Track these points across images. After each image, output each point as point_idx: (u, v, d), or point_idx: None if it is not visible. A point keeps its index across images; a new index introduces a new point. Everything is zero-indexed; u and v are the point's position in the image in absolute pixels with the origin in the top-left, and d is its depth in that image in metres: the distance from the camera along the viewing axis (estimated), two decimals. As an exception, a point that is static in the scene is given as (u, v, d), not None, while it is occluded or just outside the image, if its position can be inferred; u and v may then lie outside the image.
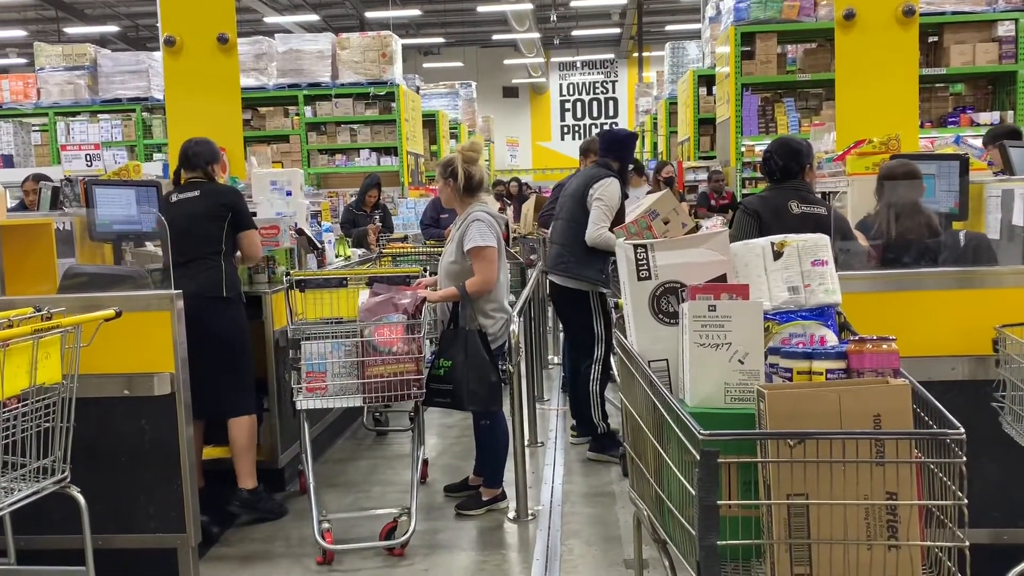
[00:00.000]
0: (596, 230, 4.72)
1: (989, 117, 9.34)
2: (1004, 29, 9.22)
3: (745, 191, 9.58)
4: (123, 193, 4.29)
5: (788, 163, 3.91)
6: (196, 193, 4.09)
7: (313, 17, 23.32)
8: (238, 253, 4.18)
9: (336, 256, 5.61)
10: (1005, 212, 3.51)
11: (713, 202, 9.40)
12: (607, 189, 4.75)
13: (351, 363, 3.61)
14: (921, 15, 8.04)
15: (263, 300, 4.38)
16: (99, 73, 12.32)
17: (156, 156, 11.93)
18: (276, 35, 12.15)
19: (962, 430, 1.82)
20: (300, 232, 4.84)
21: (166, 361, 3.44)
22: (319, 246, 5.05)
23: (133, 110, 12.36)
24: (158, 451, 3.47)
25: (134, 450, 3.48)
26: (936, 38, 9.45)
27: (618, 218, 4.68)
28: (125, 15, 24.19)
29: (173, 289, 3.43)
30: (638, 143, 19.44)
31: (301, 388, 3.66)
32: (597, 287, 4.87)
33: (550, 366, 7.30)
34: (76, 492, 2.92)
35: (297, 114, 12.05)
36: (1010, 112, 9.29)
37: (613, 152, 4.96)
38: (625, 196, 4.85)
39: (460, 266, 4.01)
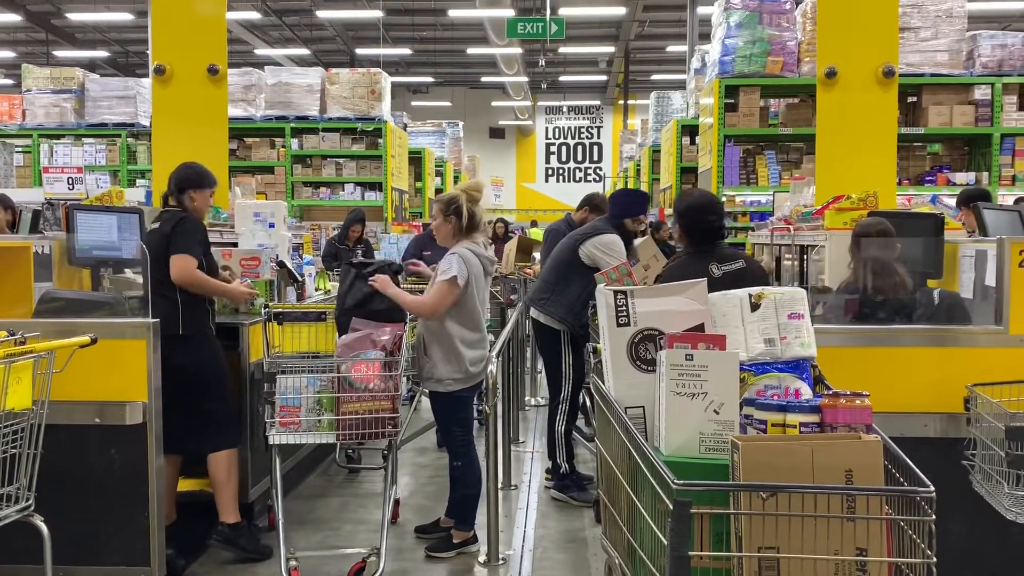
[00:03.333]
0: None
1: (965, 177, 9.52)
2: (980, 93, 9.44)
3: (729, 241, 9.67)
4: (104, 219, 4.27)
5: (710, 225, 3.67)
6: (158, 223, 4.04)
7: (304, 51, 23.52)
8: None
9: (316, 289, 5.59)
10: (978, 272, 3.57)
11: None
12: (613, 244, 4.83)
13: (324, 400, 3.58)
14: (901, 76, 8.23)
15: (240, 331, 4.35)
16: (86, 97, 12.32)
17: (139, 182, 11.90)
18: (266, 67, 12.23)
19: (932, 488, 1.83)
20: (281, 264, 4.83)
21: (139, 390, 3.41)
22: (299, 279, 5.04)
23: (118, 135, 12.34)
24: (126, 481, 3.42)
25: (102, 480, 3.43)
26: (915, 98, 9.66)
27: None
28: (116, 40, 24.27)
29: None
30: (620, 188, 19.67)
31: (274, 422, 3.63)
32: (572, 329, 4.90)
33: (527, 407, 7.28)
34: (39, 521, 2.86)
35: (283, 146, 12.09)
36: (985, 173, 9.48)
37: (620, 208, 5.06)
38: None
39: None
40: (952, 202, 6.75)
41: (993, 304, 3.33)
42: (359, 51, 23.61)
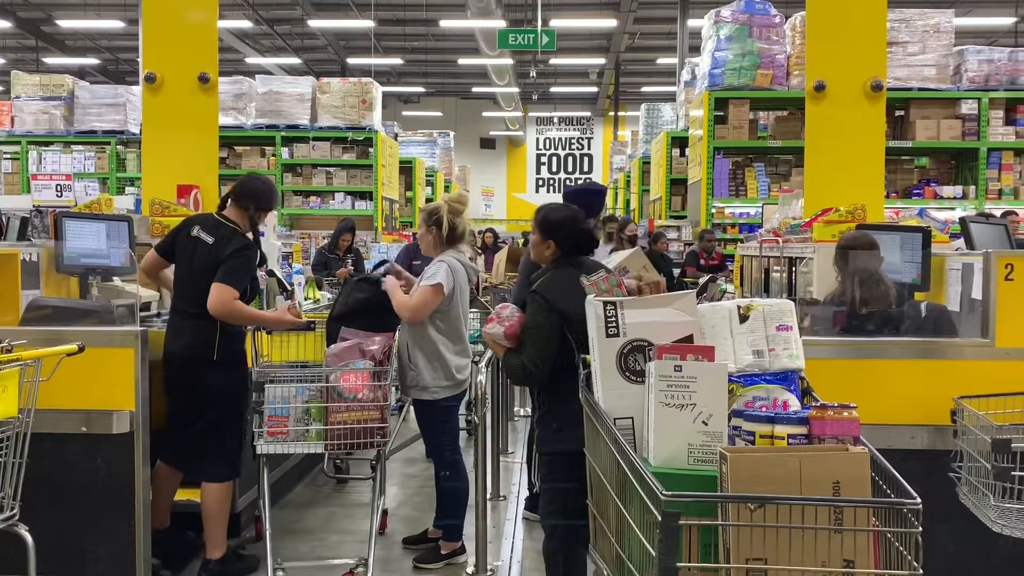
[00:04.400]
0: None
1: (952, 191, 9.61)
2: (967, 107, 9.54)
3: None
4: (93, 226, 4.25)
5: (584, 236, 3.39)
6: (211, 240, 3.82)
7: (295, 60, 23.53)
8: None
9: (306, 299, 5.58)
10: (965, 285, 3.59)
11: (703, 262, 9.49)
12: None
13: (312, 409, 3.57)
14: (889, 90, 8.30)
15: (229, 340, 4.33)
16: (76, 104, 12.30)
17: (129, 190, 11.87)
18: (257, 76, 12.24)
19: (919, 500, 1.84)
20: (271, 274, 4.83)
21: (127, 398, 3.39)
22: (289, 288, 5.03)
23: (108, 143, 12.31)
24: (113, 491, 3.39)
25: (88, 489, 3.40)
26: (903, 112, 9.75)
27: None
28: (106, 48, 24.23)
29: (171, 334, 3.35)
30: (610, 198, 19.73)
31: (262, 432, 3.61)
32: None
33: (516, 418, 7.27)
34: (24, 531, 2.84)
35: (274, 154, 12.09)
36: (972, 187, 9.57)
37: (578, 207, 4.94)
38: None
39: None
40: (940, 215, 6.80)
41: (980, 317, 3.35)
42: (350, 61, 23.63)
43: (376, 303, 3.91)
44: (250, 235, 3.93)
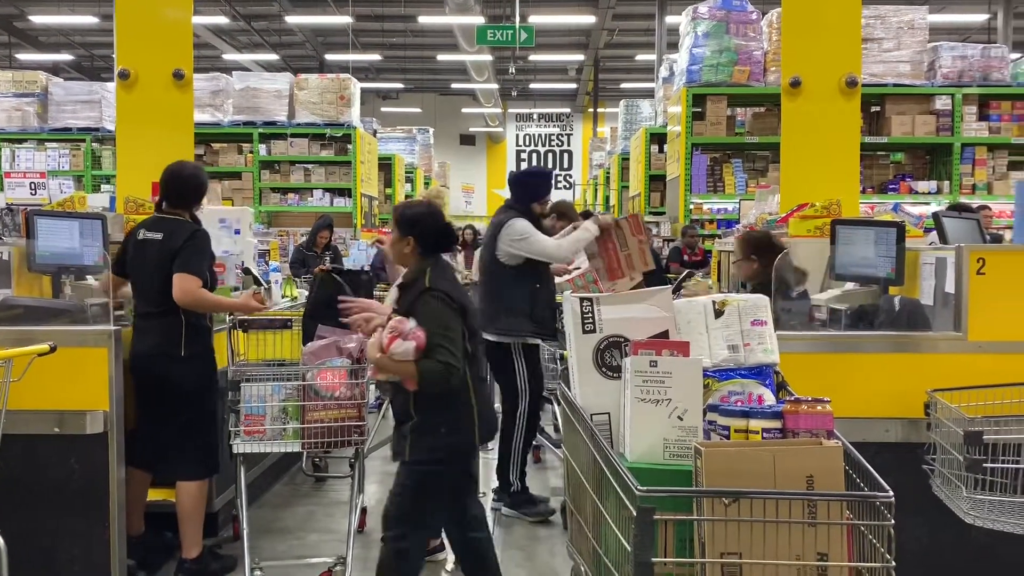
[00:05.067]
0: (555, 247, 4.51)
1: (927, 186, 9.71)
2: (941, 103, 9.64)
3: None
4: (66, 224, 4.20)
5: (444, 233, 3.35)
6: (160, 236, 3.79)
7: (272, 56, 23.38)
8: None
9: (283, 296, 5.55)
10: (939, 279, 3.63)
11: (686, 257, 9.50)
12: (516, 226, 4.59)
13: (289, 408, 3.55)
14: (864, 86, 8.34)
15: (205, 339, 4.29)
16: (50, 101, 12.15)
17: (104, 187, 11.75)
18: (234, 72, 12.15)
19: (891, 493, 1.86)
20: (247, 271, 4.79)
21: (100, 398, 3.36)
22: (265, 286, 5.00)
23: (83, 140, 12.17)
24: (87, 493, 3.36)
25: (61, 490, 3.37)
26: (879, 108, 9.83)
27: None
28: (80, 44, 23.95)
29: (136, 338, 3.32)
30: (590, 194, 19.77)
31: (239, 431, 3.59)
32: (522, 338, 4.68)
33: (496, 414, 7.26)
34: (-5, 533, 2.81)
35: (251, 151, 12.00)
36: (946, 182, 9.67)
37: (526, 191, 4.79)
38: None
39: None
40: (915, 210, 6.87)
41: (952, 311, 3.39)
42: (328, 57, 23.51)
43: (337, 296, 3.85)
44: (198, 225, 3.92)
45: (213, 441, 3.92)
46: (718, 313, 2.63)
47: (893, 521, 1.85)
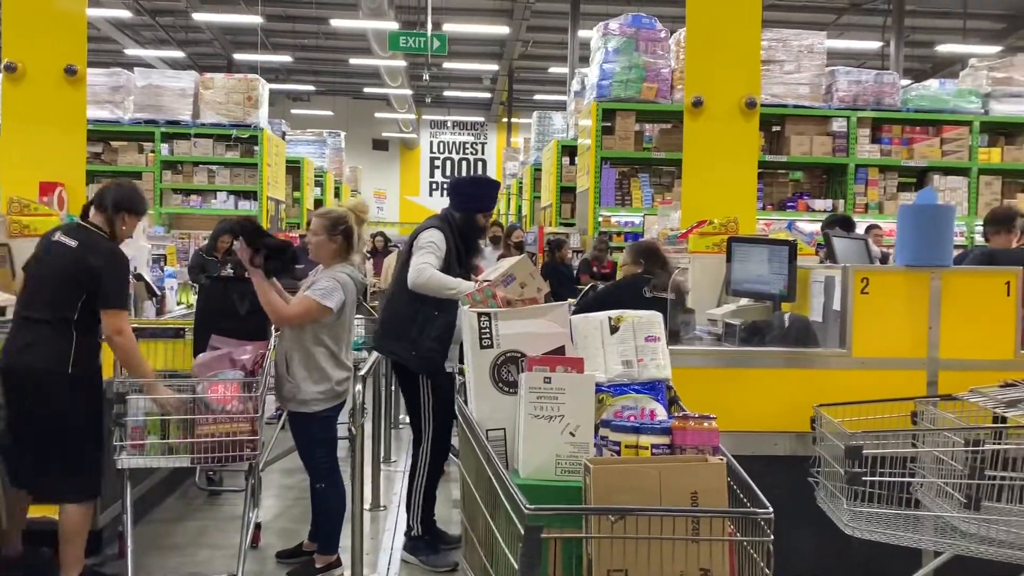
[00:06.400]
0: (417, 271, 4.01)
1: (823, 204, 10.08)
2: (838, 125, 10.05)
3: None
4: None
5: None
6: (74, 244, 3.57)
7: (179, 54, 22.67)
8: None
9: (178, 304, 5.36)
10: (827, 297, 3.77)
11: (595, 269, 9.56)
12: (426, 234, 4.19)
13: (179, 422, 3.43)
14: (766, 106, 8.65)
15: (92, 348, 4.10)
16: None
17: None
18: (136, 68, 11.73)
19: (771, 509, 1.90)
20: (138, 277, 4.61)
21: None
22: (158, 293, 4.82)
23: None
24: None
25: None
26: (779, 128, 10.18)
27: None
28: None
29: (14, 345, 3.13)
30: (503, 204, 19.85)
31: (124, 446, 3.44)
32: (431, 367, 4.15)
33: (401, 426, 7.19)
34: None
35: (153, 151, 11.60)
36: (841, 201, 10.07)
37: (470, 200, 4.38)
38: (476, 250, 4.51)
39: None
40: (808, 228, 7.13)
41: (839, 328, 3.52)
42: (237, 56, 22.95)
43: (230, 305, 3.71)
44: (119, 243, 3.69)
45: (98, 461, 3.69)
46: (614, 329, 2.66)
47: (772, 537, 1.89)
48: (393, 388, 6.63)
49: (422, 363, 4.17)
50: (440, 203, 31.37)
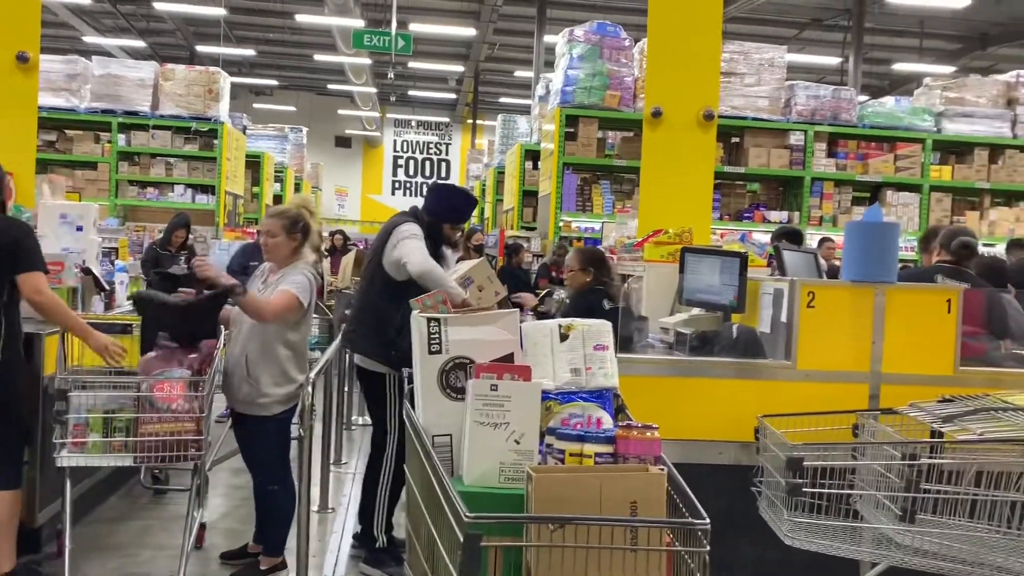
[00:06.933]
0: (422, 257, 3.94)
1: (779, 215, 10.24)
2: (795, 138, 10.21)
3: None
4: None
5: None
6: None
7: (140, 43, 22.28)
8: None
9: (128, 299, 5.26)
10: (776, 309, 3.83)
11: (554, 274, 9.57)
12: (404, 227, 4.12)
13: (123, 420, 3.37)
14: (725, 117, 8.76)
15: (35, 341, 4.01)
16: None
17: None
18: (94, 57, 11.52)
19: (707, 520, 1.93)
20: (87, 271, 4.52)
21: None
22: (107, 288, 4.73)
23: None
24: None
25: None
26: (738, 139, 10.31)
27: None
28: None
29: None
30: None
31: (65, 443, 3.37)
32: (396, 368, 3.94)
33: (354, 427, 7.15)
34: None
35: (109, 141, 11.39)
36: (797, 213, 10.24)
37: (443, 211, 4.30)
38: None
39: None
40: (762, 239, 7.22)
41: (785, 340, 3.58)
42: (200, 48, 22.61)
43: (179, 310, 3.65)
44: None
45: (21, 450, 3.65)
46: (563, 337, 2.67)
47: (709, 548, 1.92)
48: (346, 389, 6.60)
49: (401, 364, 4.02)
50: (403, 202, 31.30)
